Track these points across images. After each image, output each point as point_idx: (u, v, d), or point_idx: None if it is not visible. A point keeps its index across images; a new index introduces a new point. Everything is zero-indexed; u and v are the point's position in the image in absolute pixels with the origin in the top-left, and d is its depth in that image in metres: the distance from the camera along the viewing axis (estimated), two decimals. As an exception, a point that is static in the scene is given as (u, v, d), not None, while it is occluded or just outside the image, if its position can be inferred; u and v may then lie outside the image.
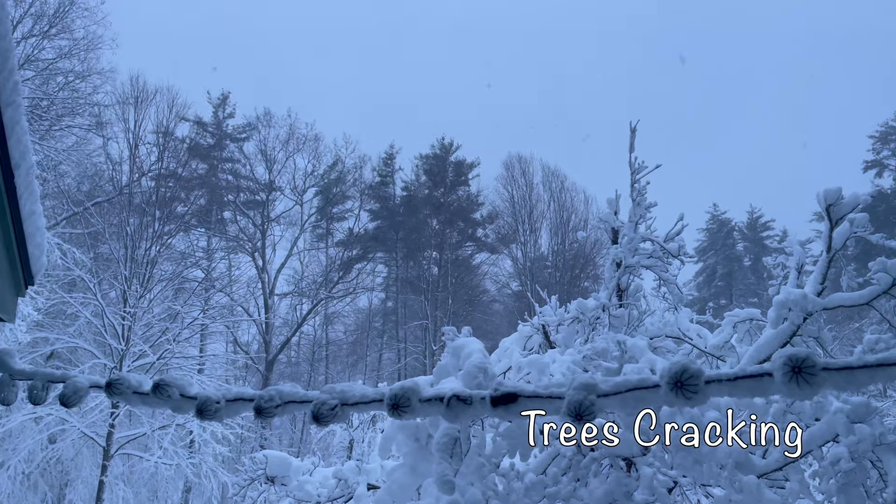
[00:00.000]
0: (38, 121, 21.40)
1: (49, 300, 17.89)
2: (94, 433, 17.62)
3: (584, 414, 1.61)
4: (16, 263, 3.49)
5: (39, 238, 3.64)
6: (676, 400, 1.52)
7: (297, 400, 2.19)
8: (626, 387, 1.62)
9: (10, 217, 3.30)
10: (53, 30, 21.70)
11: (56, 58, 22.07)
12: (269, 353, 31.36)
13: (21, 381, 3.07)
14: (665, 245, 6.12)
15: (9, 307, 3.55)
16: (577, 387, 1.64)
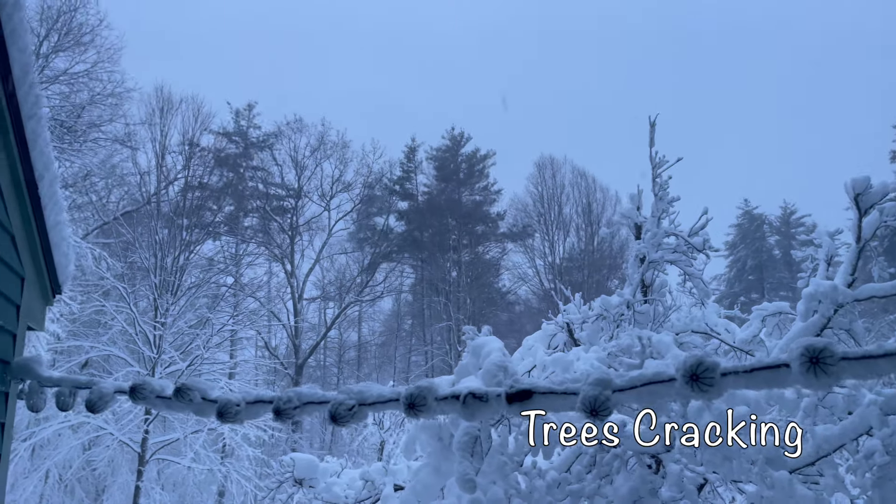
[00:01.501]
0: (67, 133, 21.85)
1: (83, 309, 18.24)
2: (129, 439, 17.93)
3: (600, 409, 1.59)
4: (42, 273, 3.56)
5: (65, 247, 3.70)
6: (692, 393, 1.50)
7: (315, 401, 2.20)
8: (641, 381, 1.59)
9: (35, 227, 3.36)
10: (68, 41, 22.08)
11: (81, 71, 22.50)
12: (299, 357, 31.61)
13: (49, 388, 3.13)
14: (689, 239, 6.04)
15: (37, 316, 3.63)
16: (591, 382, 1.62)
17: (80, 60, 22.59)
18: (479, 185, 42.37)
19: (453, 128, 42.70)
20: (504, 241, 41.62)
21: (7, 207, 3.05)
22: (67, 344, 18.11)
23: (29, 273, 3.39)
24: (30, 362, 3.16)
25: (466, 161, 42.28)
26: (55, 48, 21.81)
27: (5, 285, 3.08)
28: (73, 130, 22.09)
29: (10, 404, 3.21)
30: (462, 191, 41.77)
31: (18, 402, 3.33)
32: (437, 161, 42.63)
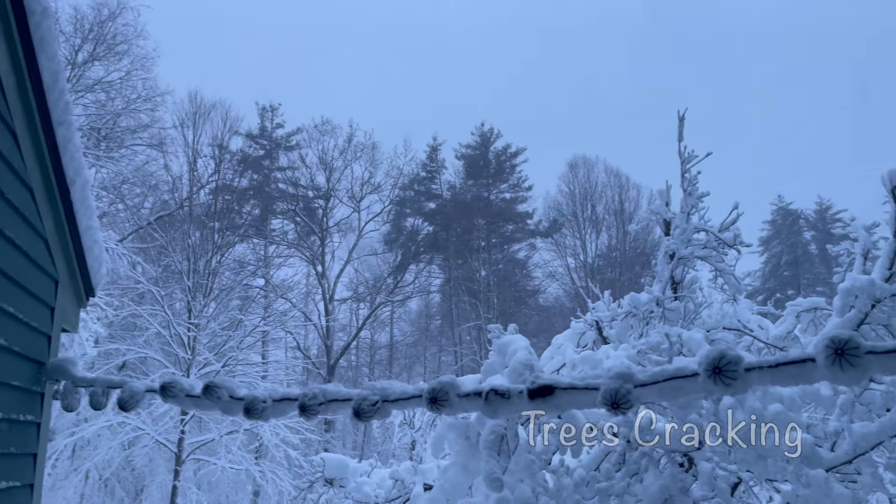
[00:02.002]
0: (103, 140, 22.34)
1: (118, 312, 18.62)
2: (165, 439, 18.25)
3: (621, 403, 1.57)
4: (76, 276, 3.64)
5: (97, 251, 3.78)
6: (715, 388, 1.47)
7: (339, 398, 2.22)
8: (663, 376, 1.57)
9: (68, 231, 3.43)
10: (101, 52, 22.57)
11: (116, 80, 22.98)
12: (330, 357, 31.87)
13: (83, 388, 3.20)
14: (720, 235, 5.95)
15: (72, 318, 3.71)
16: (612, 376, 1.61)
17: (115, 69, 23.10)
18: (509, 182, 42.05)
19: (483, 124, 42.33)
20: (534, 237, 41.36)
21: (40, 212, 3.12)
22: (105, 347, 18.51)
23: (63, 276, 3.47)
24: (64, 363, 3.23)
25: (496, 158, 41.96)
26: (91, 57, 22.31)
27: (40, 289, 3.15)
28: (109, 138, 22.57)
29: (46, 405, 3.29)
30: (491, 188, 41.55)
31: (54, 402, 3.41)
32: (466, 159, 42.34)
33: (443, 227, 40.13)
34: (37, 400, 3.18)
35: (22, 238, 2.90)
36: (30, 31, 2.69)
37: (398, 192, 38.14)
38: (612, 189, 41.32)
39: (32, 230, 3.04)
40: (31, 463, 3.16)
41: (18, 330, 2.91)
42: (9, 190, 2.75)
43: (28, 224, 2.97)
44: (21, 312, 2.91)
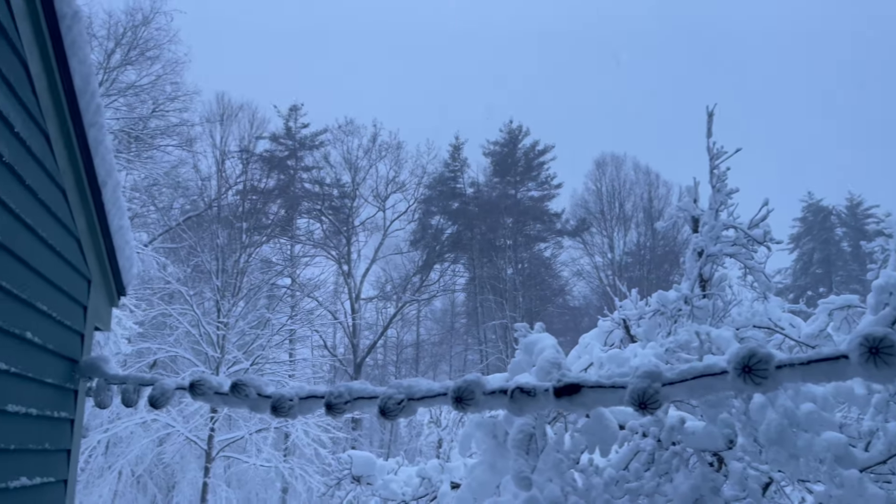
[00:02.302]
0: (135, 142, 22.72)
1: (147, 312, 18.92)
2: (196, 437, 18.51)
3: (648, 402, 1.56)
4: (108, 275, 3.70)
5: (129, 251, 3.84)
6: (745, 386, 1.45)
7: (365, 396, 2.23)
8: (691, 374, 1.55)
9: (100, 232, 3.49)
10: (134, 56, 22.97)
11: (147, 84, 23.36)
12: (357, 356, 32.05)
13: (115, 385, 3.25)
14: (749, 232, 5.87)
15: (104, 317, 3.77)
16: (640, 375, 1.59)
17: (147, 74, 23.51)
18: (537, 180, 41.79)
19: (511, 121, 42.11)
20: (561, 236, 41.12)
21: (73, 213, 3.18)
22: (137, 346, 18.84)
23: (95, 276, 3.54)
24: (97, 361, 3.29)
25: (525, 156, 41.71)
26: (123, 62, 22.71)
27: (73, 288, 3.22)
28: (139, 139, 22.94)
29: (79, 402, 3.35)
30: (519, 186, 41.36)
31: (87, 399, 3.47)
32: (494, 156, 42.15)
33: (466, 225, 40.07)
34: (70, 397, 3.25)
35: (55, 238, 2.96)
36: (61, 34, 2.74)
37: (423, 190, 38.23)
38: (640, 186, 40.94)
39: (65, 230, 3.10)
40: (65, 459, 3.23)
41: (53, 328, 2.96)
42: (42, 191, 2.80)
43: (61, 224, 3.03)
44: (55, 311, 2.97)
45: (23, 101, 2.60)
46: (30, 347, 2.74)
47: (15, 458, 2.66)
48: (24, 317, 2.67)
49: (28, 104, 2.65)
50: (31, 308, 2.74)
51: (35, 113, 2.73)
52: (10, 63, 2.49)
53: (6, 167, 2.47)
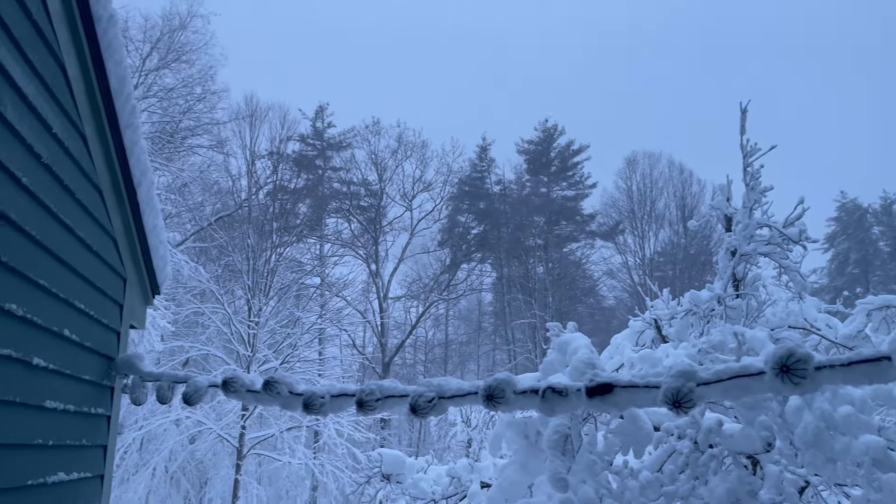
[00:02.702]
0: (168, 143, 23.11)
1: (178, 312, 19.22)
2: (227, 434, 18.75)
3: (683, 402, 1.53)
4: (143, 274, 3.76)
5: (163, 250, 3.90)
6: (783, 387, 1.42)
7: (396, 394, 2.23)
8: (727, 374, 1.52)
9: (135, 231, 3.55)
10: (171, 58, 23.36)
11: (179, 85, 23.75)
12: (385, 355, 32.18)
13: (150, 383, 3.30)
14: (784, 230, 5.76)
15: (139, 315, 3.83)
16: (674, 374, 1.56)
17: (183, 77, 23.94)
18: (570, 180, 41.47)
19: (546, 120, 41.85)
20: (593, 238, 40.81)
21: (109, 212, 3.24)
22: (170, 344, 19.15)
23: (130, 275, 3.60)
24: (132, 359, 3.35)
25: (559, 155, 41.42)
26: (159, 65, 23.13)
27: (109, 287, 3.27)
28: (172, 141, 23.33)
29: (115, 398, 3.41)
30: (552, 186, 41.12)
31: (123, 396, 3.53)
32: (528, 154, 41.94)
33: (494, 224, 39.97)
34: (107, 394, 3.31)
35: (92, 238, 3.01)
36: (97, 37, 2.79)
37: (449, 189, 38.26)
38: (673, 184, 40.42)
39: (102, 230, 3.15)
40: (101, 455, 3.29)
41: (90, 326, 3.02)
42: (80, 191, 2.86)
43: (98, 224, 3.09)
44: (92, 309, 3.03)
45: (61, 104, 2.65)
46: (68, 345, 2.80)
47: (53, 454, 2.72)
48: (62, 315, 2.72)
49: (66, 106, 2.71)
50: (70, 306, 2.79)
51: (73, 115, 2.78)
52: (48, 66, 2.54)
53: (45, 168, 2.52)
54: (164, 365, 18.73)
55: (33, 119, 2.42)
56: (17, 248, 2.33)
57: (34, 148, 2.42)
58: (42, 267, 2.52)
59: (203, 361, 21.20)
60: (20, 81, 2.29)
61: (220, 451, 20.18)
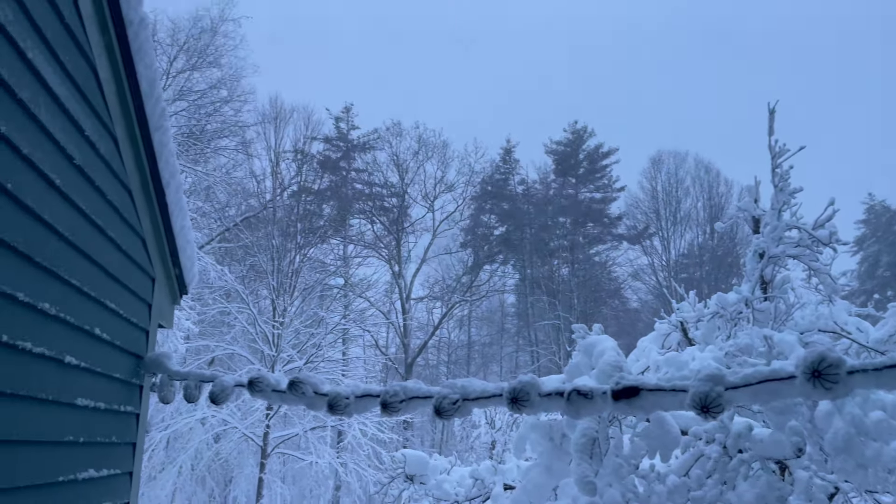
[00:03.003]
0: (194, 145, 23.41)
1: (203, 312, 19.44)
2: (252, 433, 18.93)
3: (711, 406, 1.51)
4: (171, 274, 3.81)
5: (190, 251, 3.94)
6: (814, 391, 1.39)
7: (420, 395, 2.23)
8: (756, 378, 1.50)
9: (163, 232, 3.60)
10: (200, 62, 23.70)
11: (207, 87, 24.06)
12: (408, 355, 32.25)
13: (178, 381, 3.34)
14: (814, 232, 5.67)
15: (167, 315, 3.88)
16: (702, 378, 1.54)
17: (211, 80, 24.27)
18: (598, 182, 41.24)
19: (576, 121, 41.69)
20: (620, 241, 40.51)
21: (138, 213, 3.29)
22: (196, 343, 19.38)
23: (159, 275, 3.64)
24: (160, 357, 3.39)
25: (588, 157, 41.20)
26: (186, 67, 23.45)
27: (138, 286, 3.32)
28: (198, 143, 23.62)
29: (144, 396, 3.46)
30: (580, 187, 40.91)
31: (151, 394, 3.58)
32: (556, 154, 41.78)
33: (517, 225, 39.86)
34: (136, 392, 3.35)
35: (122, 238, 3.06)
36: (128, 40, 2.84)
37: (471, 190, 38.26)
38: (699, 185, 39.96)
39: (132, 230, 3.20)
40: (130, 452, 3.34)
41: (120, 325, 3.07)
42: (110, 192, 2.90)
43: (127, 225, 3.13)
44: (122, 309, 3.08)
45: (92, 106, 2.70)
46: (99, 343, 2.84)
47: (83, 451, 2.76)
48: (93, 314, 2.77)
49: (97, 108, 2.75)
50: (101, 305, 2.84)
51: (104, 117, 2.83)
52: (80, 68, 2.59)
53: (77, 170, 2.57)
54: (190, 364, 18.95)
55: (66, 121, 2.46)
56: (50, 249, 2.38)
57: (67, 149, 2.46)
58: (74, 267, 2.57)
59: (228, 361, 21.42)
60: (53, 83, 2.34)
61: (245, 450, 20.37)
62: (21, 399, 2.23)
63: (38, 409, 2.36)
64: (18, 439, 2.23)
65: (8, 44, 2.04)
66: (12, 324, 2.14)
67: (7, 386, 2.13)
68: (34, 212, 2.24)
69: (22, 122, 2.14)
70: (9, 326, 2.11)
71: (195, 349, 19.80)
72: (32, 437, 2.32)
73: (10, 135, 2.06)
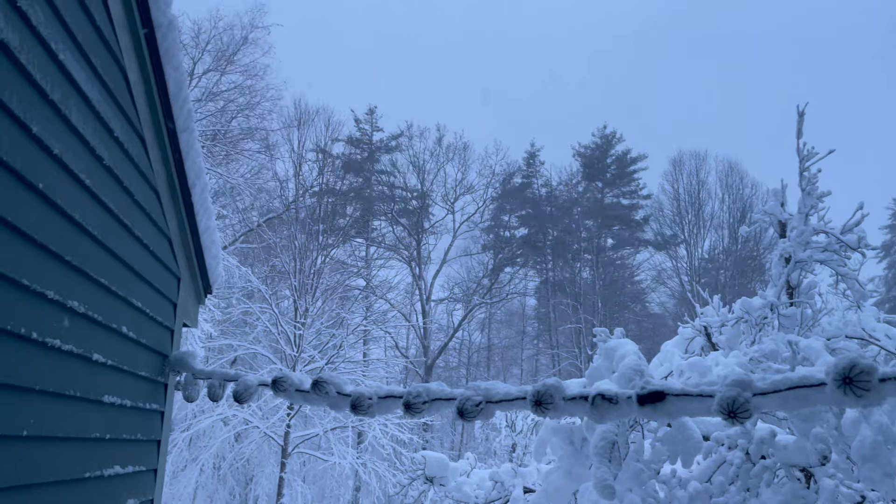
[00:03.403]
0: (220, 146, 23.66)
1: (228, 312, 19.62)
2: (273, 433, 19.05)
3: (738, 412, 1.49)
4: (196, 274, 3.85)
5: (215, 251, 3.98)
6: (845, 399, 1.37)
7: (443, 397, 2.23)
8: (786, 385, 1.47)
9: (189, 232, 3.64)
10: (228, 68, 24.01)
11: (229, 89, 24.32)
12: (428, 357, 32.27)
13: (202, 380, 3.37)
14: (842, 237, 5.58)
15: (192, 314, 3.92)
16: (729, 384, 1.53)
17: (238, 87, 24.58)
18: (624, 188, 41.06)
19: (605, 126, 41.59)
20: (645, 247, 40.23)
21: (165, 213, 3.33)
22: (218, 342, 19.56)
23: (184, 274, 3.68)
24: (185, 356, 3.43)
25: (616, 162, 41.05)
26: (212, 67, 23.73)
27: (164, 285, 3.36)
28: (223, 144, 23.88)
29: (169, 395, 3.50)
30: (606, 192, 40.76)
31: (176, 392, 3.62)
32: (584, 158, 41.70)
33: (540, 228, 39.76)
34: (161, 390, 3.39)
35: (149, 238, 3.10)
36: (157, 42, 2.87)
37: (492, 191, 38.25)
38: (722, 187, 39.53)
39: (158, 230, 3.24)
40: (155, 449, 3.37)
41: (146, 324, 3.10)
42: (138, 192, 2.94)
43: (154, 224, 3.17)
44: (149, 308, 3.11)
45: (122, 107, 2.74)
46: (125, 341, 2.88)
47: (109, 447, 2.80)
48: (120, 312, 2.81)
49: (126, 110, 2.79)
50: (127, 304, 2.88)
51: (133, 118, 2.87)
52: (110, 71, 2.62)
53: (106, 170, 2.60)
54: (213, 363, 19.14)
55: (96, 122, 2.50)
56: (80, 248, 2.41)
57: (96, 150, 2.50)
58: (102, 266, 2.61)
59: (250, 360, 21.59)
60: (84, 86, 2.37)
61: (266, 450, 20.51)
62: (50, 396, 2.27)
63: (65, 406, 2.39)
64: (47, 435, 2.26)
65: (40, 45, 2.07)
66: (42, 322, 2.17)
67: (36, 383, 2.16)
68: (65, 211, 2.27)
69: (53, 122, 2.18)
70: (38, 324, 2.15)
71: (218, 348, 19.99)
72: (60, 433, 2.36)
73: (42, 135, 2.10)
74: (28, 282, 2.06)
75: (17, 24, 1.93)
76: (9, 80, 1.91)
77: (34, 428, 2.16)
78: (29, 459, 2.16)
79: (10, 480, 2.05)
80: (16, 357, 2.04)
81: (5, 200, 1.92)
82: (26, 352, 2.10)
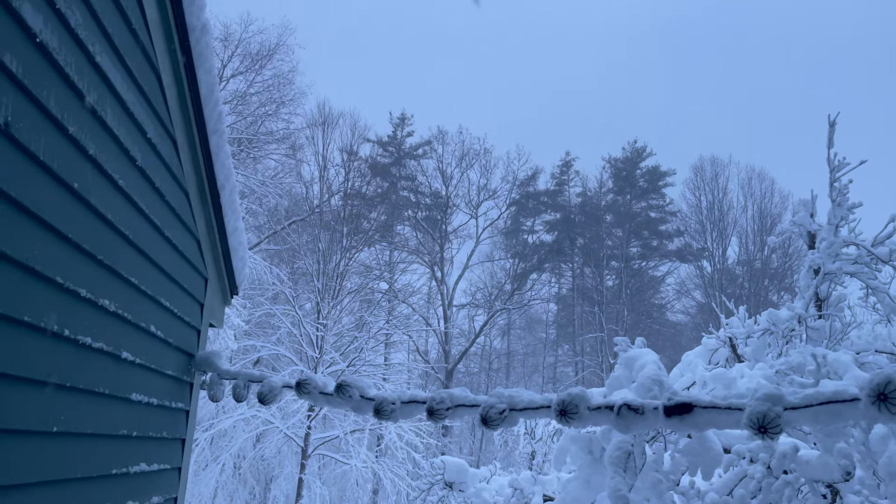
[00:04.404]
0: (247, 149, 23.94)
1: (252, 312, 19.79)
2: (293, 434, 19.16)
3: (769, 427, 1.47)
4: (222, 274, 3.89)
5: (242, 252, 4.02)
6: (879, 415, 1.34)
7: (467, 403, 2.23)
8: (818, 399, 1.45)
9: (217, 233, 3.68)
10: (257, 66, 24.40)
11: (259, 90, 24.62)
12: (449, 362, 32.25)
13: (227, 381, 3.40)
14: (873, 249, 5.49)
15: (218, 314, 3.96)
16: (760, 398, 1.50)
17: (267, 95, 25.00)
18: (654, 202, 41.03)
19: (635, 140, 41.84)
20: (671, 259, 39.98)
21: (194, 214, 3.37)
22: (242, 343, 19.74)
23: (211, 275, 3.72)
24: (211, 356, 3.46)
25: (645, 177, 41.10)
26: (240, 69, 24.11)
27: (192, 286, 3.40)
28: (250, 147, 24.15)
29: (194, 394, 3.53)
30: (633, 204, 40.72)
31: (201, 392, 3.66)
32: (614, 169, 41.82)
33: (567, 236, 39.68)
34: (186, 389, 3.43)
35: (179, 238, 3.14)
36: (190, 46, 2.91)
37: (515, 197, 38.21)
38: (746, 195, 39.07)
39: (187, 231, 3.28)
40: (179, 448, 3.41)
41: (173, 324, 3.14)
42: (169, 193, 2.98)
43: (184, 225, 3.21)
44: (176, 307, 3.15)
45: (155, 109, 2.78)
46: (153, 340, 2.92)
47: (136, 445, 2.83)
48: (149, 311, 2.84)
49: (160, 112, 2.83)
50: (156, 304, 2.92)
51: (165, 120, 2.91)
52: (145, 73, 2.67)
53: (139, 171, 2.64)
54: (237, 363, 19.30)
55: (130, 124, 2.54)
56: (112, 247, 2.45)
57: (130, 152, 2.54)
58: (133, 265, 2.64)
59: (273, 361, 21.74)
60: (119, 88, 2.41)
61: (286, 450, 20.63)
62: (79, 392, 2.30)
63: (94, 403, 2.43)
64: (76, 432, 2.30)
65: (77, 48, 2.11)
66: (74, 319, 2.21)
67: (67, 379, 2.20)
68: (98, 211, 2.31)
69: (89, 124, 2.22)
70: (70, 321, 2.18)
71: (242, 348, 20.16)
72: (89, 430, 2.39)
73: (78, 136, 2.13)
74: (62, 279, 2.10)
75: (56, 26, 1.97)
76: (47, 82, 1.95)
77: (64, 424, 2.20)
78: (58, 455, 2.19)
79: (40, 475, 2.09)
80: (48, 354, 2.08)
81: (42, 200, 1.96)
82: (59, 349, 2.13)
